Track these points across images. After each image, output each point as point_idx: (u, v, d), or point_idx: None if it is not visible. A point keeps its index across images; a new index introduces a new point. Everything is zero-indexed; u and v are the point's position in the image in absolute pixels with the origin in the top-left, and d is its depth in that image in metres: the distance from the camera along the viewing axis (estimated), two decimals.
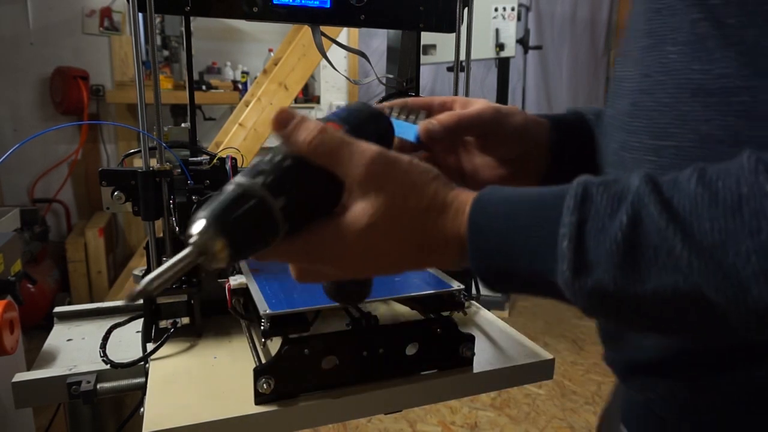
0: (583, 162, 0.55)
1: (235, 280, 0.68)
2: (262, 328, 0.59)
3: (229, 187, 0.35)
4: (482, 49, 2.87)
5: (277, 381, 0.59)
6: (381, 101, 0.93)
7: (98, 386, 0.67)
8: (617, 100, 0.46)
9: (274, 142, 3.26)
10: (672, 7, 0.38)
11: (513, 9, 2.90)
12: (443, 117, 0.49)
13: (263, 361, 0.64)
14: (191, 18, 0.72)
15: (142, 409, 0.59)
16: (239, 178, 0.36)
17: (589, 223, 0.32)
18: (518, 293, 0.39)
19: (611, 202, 0.32)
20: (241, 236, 0.34)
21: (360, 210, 0.37)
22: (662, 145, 0.39)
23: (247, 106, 2.33)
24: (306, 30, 2.09)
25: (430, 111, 0.52)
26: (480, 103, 0.51)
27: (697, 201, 0.29)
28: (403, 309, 0.77)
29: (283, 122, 0.38)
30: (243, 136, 2.22)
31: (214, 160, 0.69)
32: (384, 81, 0.89)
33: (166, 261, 0.33)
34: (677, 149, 0.38)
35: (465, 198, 0.37)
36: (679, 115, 0.38)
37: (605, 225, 0.31)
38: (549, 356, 0.72)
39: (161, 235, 0.71)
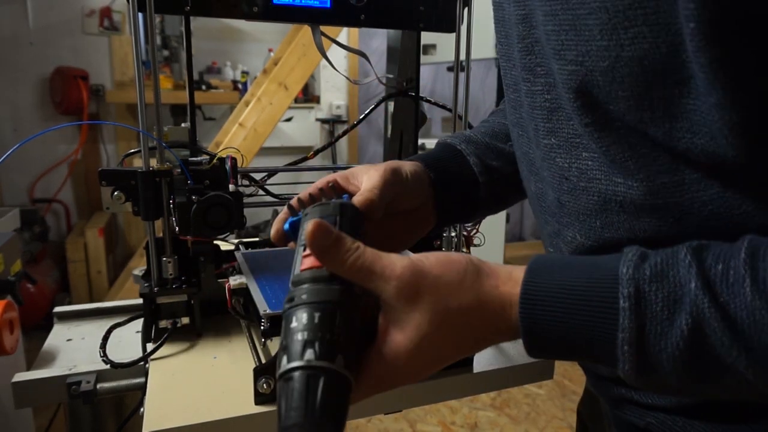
0: (465, 198, 0.60)
1: (235, 280, 0.68)
2: (262, 328, 0.59)
3: (292, 383, 0.33)
4: (482, 49, 2.86)
5: (277, 381, 0.59)
6: (379, 103, 0.93)
7: (98, 386, 0.67)
8: (540, 184, 0.48)
9: (273, 142, 3.27)
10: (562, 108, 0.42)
11: None
12: (365, 189, 0.48)
13: (263, 361, 0.64)
14: (191, 18, 0.72)
15: (142, 409, 0.59)
16: (291, 364, 0.34)
17: (648, 326, 0.32)
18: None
19: (667, 304, 0.32)
20: (333, 415, 0.33)
21: (404, 332, 0.37)
22: (602, 243, 0.42)
23: (247, 106, 2.33)
24: (306, 30, 2.09)
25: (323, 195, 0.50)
26: (372, 173, 0.50)
27: (755, 316, 0.30)
28: None
29: (320, 237, 0.37)
30: (243, 136, 2.22)
31: (214, 160, 0.69)
32: (384, 81, 0.89)
33: None
34: (613, 242, 0.41)
35: (507, 290, 0.37)
36: (608, 221, 0.41)
37: (664, 330, 0.32)
38: None
39: (161, 235, 0.71)
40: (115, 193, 0.67)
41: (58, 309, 0.87)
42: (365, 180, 0.50)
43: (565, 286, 0.35)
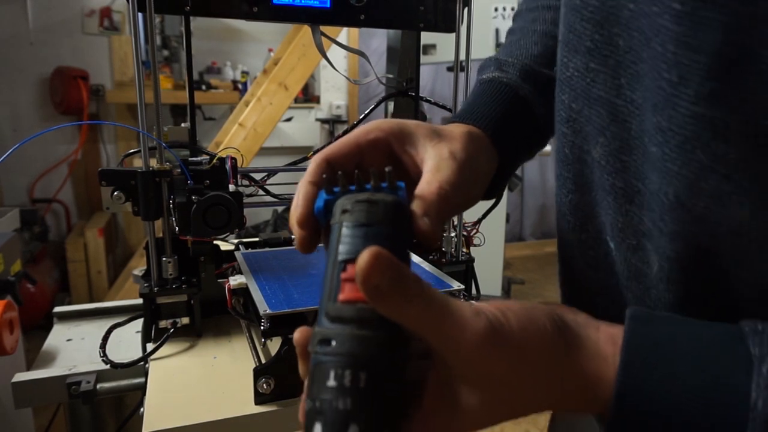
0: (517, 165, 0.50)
1: (235, 280, 0.68)
2: (262, 328, 0.59)
3: None
4: (482, 49, 2.86)
5: (277, 381, 0.59)
6: (379, 103, 0.93)
7: (98, 386, 0.67)
8: (643, 168, 0.34)
9: (273, 142, 3.27)
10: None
11: (513, 9, 2.90)
12: (429, 207, 0.34)
13: (263, 361, 0.64)
14: (191, 18, 0.72)
15: (142, 409, 0.59)
16: None
17: None
18: None
19: None
20: None
21: (464, 405, 0.30)
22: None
23: (246, 106, 2.33)
24: (306, 30, 2.09)
25: (365, 163, 0.38)
26: (443, 156, 0.38)
27: None
28: None
29: (377, 274, 0.27)
30: (243, 136, 2.22)
31: (214, 160, 0.69)
32: (384, 81, 0.89)
33: None
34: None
35: (593, 371, 0.29)
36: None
37: None
38: None
39: (161, 235, 0.71)
40: (115, 193, 0.67)
41: (58, 309, 0.87)
42: (433, 164, 0.37)
43: (672, 403, 0.27)
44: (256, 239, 0.89)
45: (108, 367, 0.67)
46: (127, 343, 0.76)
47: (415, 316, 0.28)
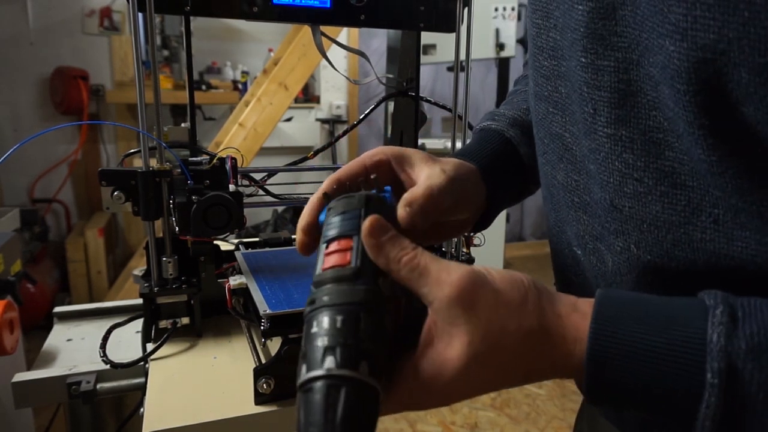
0: (511, 201, 0.57)
1: (235, 280, 0.68)
2: (262, 328, 0.59)
3: (311, 395, 0.30)
4: (482, 49, 2.87)
5: (277, 381, 0.59)
6: (379, 103, 0.93)
7: (98, 386, 0.67)
8: (576, 176, 0.42)
9: (273, 142, 3.27)
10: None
11: (513, 9, 2.90)
12: (414, 199, 0.40)
13: (263, 361, 0.64)
14: (191, 18, 0.72)
15: (142, 409, 0.59)
16: (310, 373, 0.31)
17: (739, 407, 0.28)
18: None
19: (765, 387, 0.28)
20: (357, 429, 0.30)
21: (454, 345, 0.33)
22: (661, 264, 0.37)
23: (246, 106, 2.33)
24: (306, 30, 2.09)
25: (367, 178, 0.44)
26: (435, 171, 0.43)
27: None
28: None
29: (377, 232, 0.34)
30: (243, 136, 2.22)
31: (214, 160, 0.69)
32: (384, 81, 0.89)
33: None
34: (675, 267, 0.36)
35: (573, 323, 0.33)
36: (686, 238, 0.35)
37: (757, 409, 0.28)
38: None
39: (161, 235, 0.71)
40: (115, 193, 0.67)
41: (58, 309, 0.87)
42: (425, 175, 0.43)
43: (640, 345, 0.31)
44: (256, 239, 0.89)
45: (108, 367, 0.67)
46: (127, 343, 0.76)
47: (406, 263, 0.34)
